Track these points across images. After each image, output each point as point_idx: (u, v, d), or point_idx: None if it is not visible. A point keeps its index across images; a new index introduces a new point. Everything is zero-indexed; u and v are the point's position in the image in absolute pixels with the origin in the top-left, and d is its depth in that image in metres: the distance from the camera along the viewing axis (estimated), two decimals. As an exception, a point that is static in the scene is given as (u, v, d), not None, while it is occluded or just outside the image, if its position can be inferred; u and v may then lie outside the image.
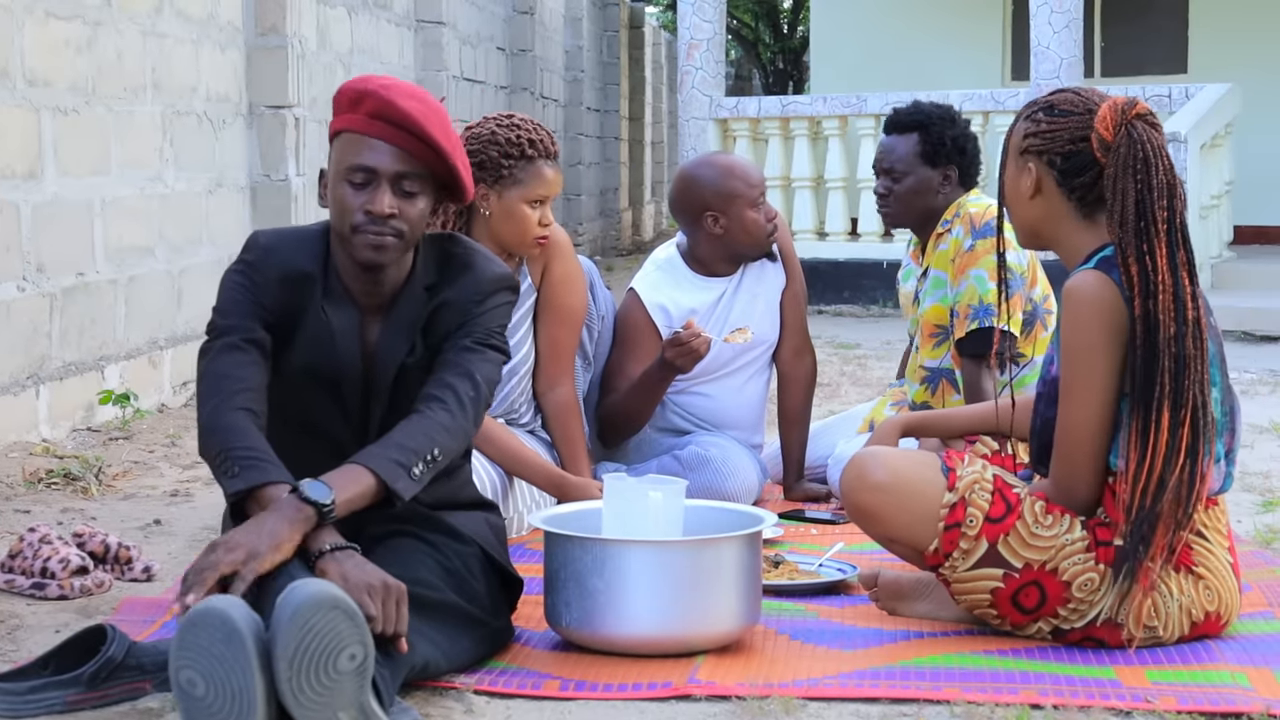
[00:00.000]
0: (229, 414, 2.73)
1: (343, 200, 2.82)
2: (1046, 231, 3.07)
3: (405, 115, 2.79)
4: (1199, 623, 2.98)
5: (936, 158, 4.32)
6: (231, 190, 6.98)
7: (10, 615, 3.23)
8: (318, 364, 2.85)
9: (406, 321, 2.88)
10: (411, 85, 2.88)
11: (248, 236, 2.97)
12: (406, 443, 2.72)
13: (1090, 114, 2.99)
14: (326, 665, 2.35)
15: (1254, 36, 12.93)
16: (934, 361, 4.38)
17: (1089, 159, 2.99)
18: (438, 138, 2.80)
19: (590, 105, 15.70)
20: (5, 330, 5.11)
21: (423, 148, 2.81)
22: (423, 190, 2.84)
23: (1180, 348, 2.87)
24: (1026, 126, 3.05)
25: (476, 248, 2.98)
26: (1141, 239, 2.89)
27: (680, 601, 2.88)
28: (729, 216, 4.34)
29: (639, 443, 4.43)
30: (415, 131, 2.80)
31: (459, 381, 2.82)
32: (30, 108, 5.31)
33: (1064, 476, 2.99)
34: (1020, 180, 3.06)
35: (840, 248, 10.65)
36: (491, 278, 2.92)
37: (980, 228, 4.22)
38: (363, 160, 2.80)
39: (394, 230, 2.81)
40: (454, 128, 2.88)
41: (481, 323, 2.89)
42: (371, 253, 2.81)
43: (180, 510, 4.34)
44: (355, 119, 2.82)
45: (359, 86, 2.84)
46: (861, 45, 13.97)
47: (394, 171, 2.80)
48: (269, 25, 7.17)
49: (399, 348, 2.87)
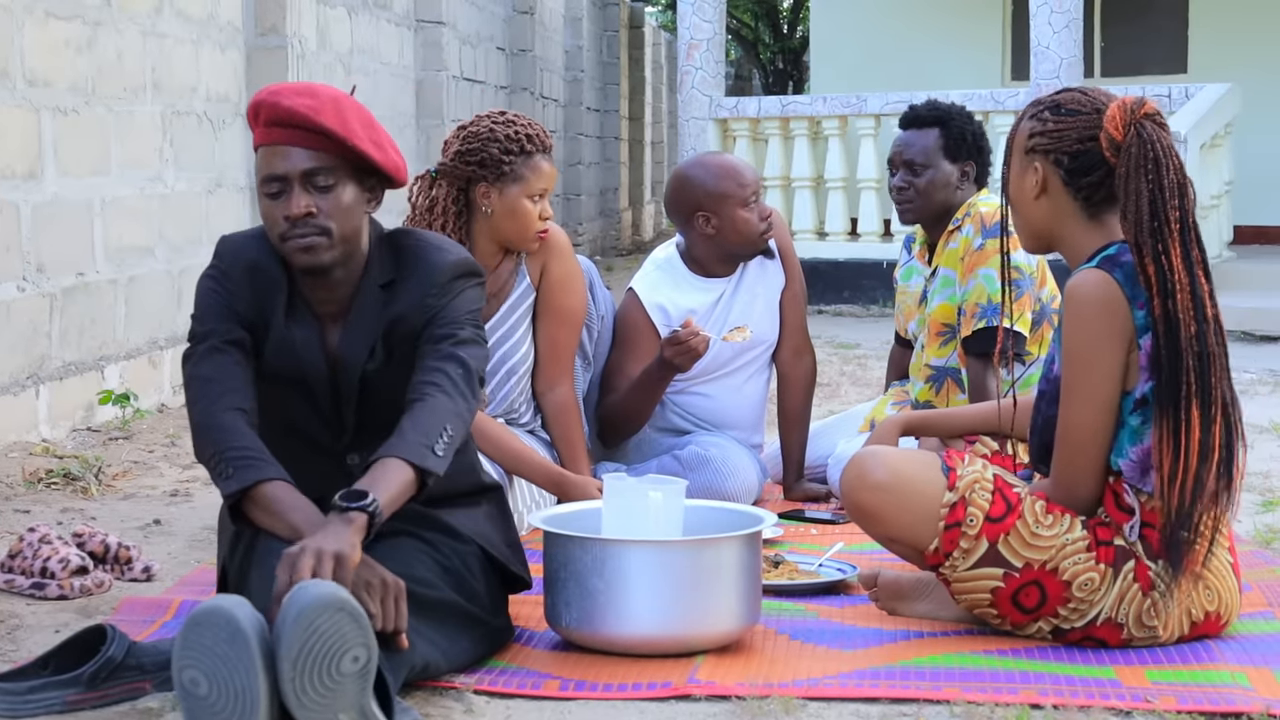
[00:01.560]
0: (219, 415, 2.74)
1: (267, 214, 2.82)
2: (1051, 231, 3.06)
3: (291, 113, 2.77)
4: (1199, 623, 2.99)
5: (957, 152, 4.33)
6: (231, 190, 6.98)
7: (10, 615, 3.23)
8: (285, 370, 2.85)
9: (366, 325, 2.87)
10: (306, 84, 2.87)
11: (217, 240, 2.97)
12: (418, 427, 2.71)
13: (1098, 113, 2.99)
14: (330, 667, 2.35)
15: (1254, 36, 12.92)
16: (940, 360, 4.38)
17: (1097, 158, 2.98)
18: (330, 125, 2.77)
19: (590, 105, 15.70)
20: (5, 330, 5.11)
21: (323, 139, 2.78)
22: (339, 180, 2.80)
23: (1203, 345, 2.87)
24: (1033, 125, 3.04)
25: (429, 239, 2.94)
26: (1156, 239, 2.89)
27: (680, 601, 2.88)
28: (721, 217, 4.34)
29: (639, 443, 4.43)
30: (306, 126, 2.77)
31: (445, 364, 2.79)
32: (30, 108, 5.31)
33: (1065, 476, 2.99)
34: (1025, 179, 3.05)
35: (840, 248, 10.65)
36: (445, 266, 2.88)
37: (990, 226, 4.22)
38: (271, 169, 2.80)
39: (318, 228, 2.79)
40: (351, 111, 2.82)
41: (448, 313, 2.85)
42: (304, 255, 2.80)
43: (180, 510, 4.34)
44: (258, 132, 2.82)
45: (255, 100, 2.83)
46: (861, 45, 13.97)
47: (300, 171, 2.78)
48: (269, 25, 7.17)
49: (359, 353, 2.85)
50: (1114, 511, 2.98)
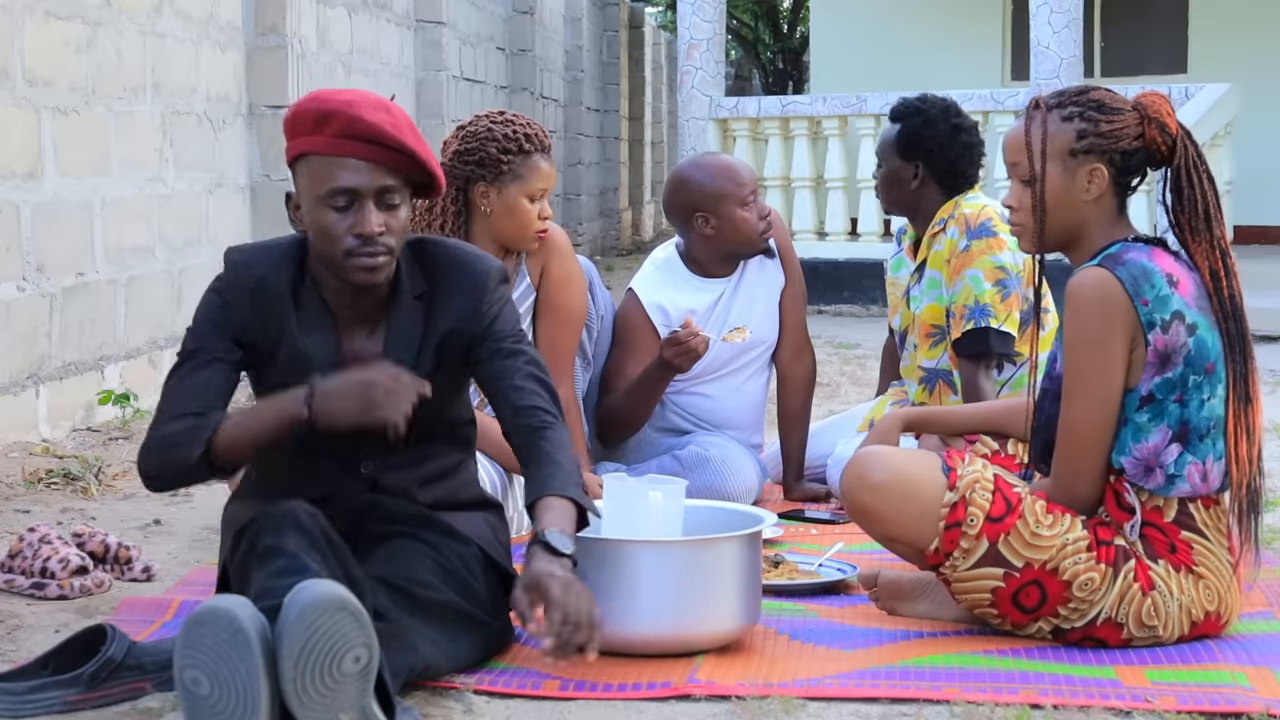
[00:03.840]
0: (166, 425, 2.79)
1: (328, 227, 2.77)
2: (1083, 232, 3.04)
3: (377, 130, 2.74)
4: (1199, 622, 2.99)
5: (909, 152, 4.33)
6: (231, 190, 6.98)
7: (10, 615, 3.23)
8: (297, 380, 2.80)
9: (406, 336, 2.86)
10: (372, 95, 2.83)
11: (225, 250, 2.96)
12: (569, 464, 2.78)
13: (1135, 110, 3.01)
14: (331, 666, 2.35)
15: (1254, 36, 12.92)
16: (931, 362, 4.38)
17: (1145, 155, 3.00)
18: (412, 145, 2.77)
19: (590, 105, 15.70)
20: (5, 330, 5.11)
21: (398, 157, 2.77)
22: (404, 198, 2.81)
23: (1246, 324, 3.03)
24: (1082, 126, 2.99)
25: (458, 248, 2.95)
26: (1212, 227, 2.98)
27: (680, 601, 2.88)
28: (719, 216, 4.34)
29: (639, 443, 4.43)
30: (389, 144, 2.75)
31: (539, 388, 2.86)
32: (30, 108, 5.31)
33: (1066, 475, 2.99)
34: (1077, 182, 3.01)
35: (840, 248, 10.65)
36: (490, 274, 2.91)
37: (975, 228, 4.22)
38: (342, 183, 2.75)
39: (385, 248, 2.78)
40: (415, 129, 2.84)
41: (503, 325, 2.90)
42: (367, 275, 2.79)
43: (180, 510, 4.34)
44: (322, 140, 2.76)
45: (320, 108, 2.77)
46: (861, 45, 13.97)
47: (377, 188, 2.76)
48: (269, 25, 7.17)
49: (404, 363, 2.82)
50: (1115, 511, 2.98)
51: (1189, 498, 2.97)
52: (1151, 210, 9.42)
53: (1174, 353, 2.92)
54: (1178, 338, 2.92)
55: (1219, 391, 2.98)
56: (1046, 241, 3.07)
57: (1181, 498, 2.97)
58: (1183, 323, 2.93)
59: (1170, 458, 2.95)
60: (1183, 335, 2.93)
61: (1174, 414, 2.94)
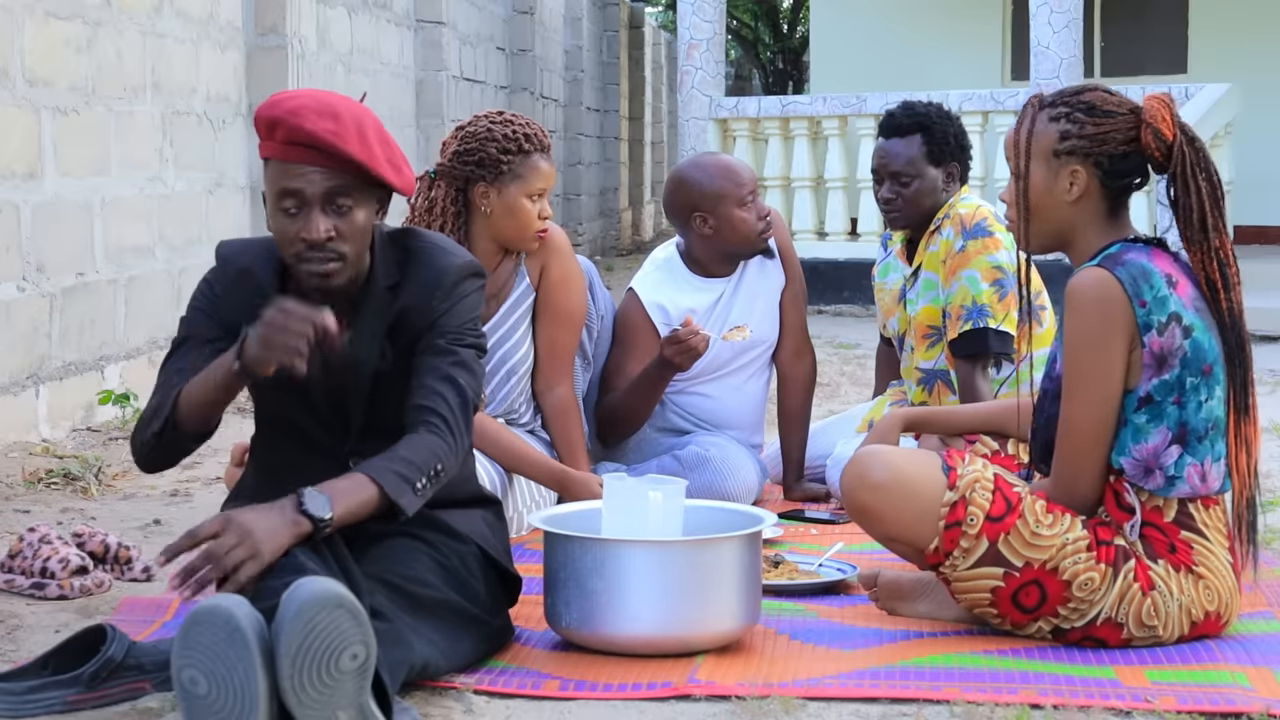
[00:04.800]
0: (149, 404, 2.84)
1: (281, 231, 2.80)
2: (1072, 233, 3.05)
3: (314, 137, 2.74)
4: (1199, 623, 2.98)
5: (941, 157, 4.32)
6: (231, 190, 6.98)
7: (10, 615, 3.23)
8: (280, 375, 2.83)
9: (374, 327, 2.87)
10: (324, 98, 2.81)
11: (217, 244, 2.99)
12: (412, 457, 2.73)
13: (1133, 113, 2.99)
14: (328, 664, 2.35)
15: (1254, 36, 12.92)
16: (928, 363, 4.38)
17: (1139, 159, 2.99)
18: (354, 153, 2.75)
19: (590, 105, 15.70)
20: (5, 330, 5.11)
21: (344, 163, 2.77)
22: (358, 201, 2.80)
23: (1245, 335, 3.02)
24: (1066, 128, 3.00)
25: (435, 241, 2.95)
26: (1214, 233, 2.96)
27: (680, 601, 2.88)
28: (717, 216, 4.34)
29: (639, 443, 4.43)
30: (329, 151, 2.75)
31: (446, 391, 2.81)
32: (30, 108, 5.31)
33: (1066, 475, 2.99)
34: (1059, 183, 3.01)
35: (840, 248, 10.65)
36: (451, 269, 2.89)
37: (971, 228, 4.22)
38: (289, 184, 2.76)
39: (335, 253, 2.78)
40: (371, 131, 2.80)
41: (450, 320, 2.87)
42: (318, 280, 2.80)
43: (180, 510, 4.34)
44: (274, 146, 2.78)
45: (270, 114, 2.78)
46: (861, 45, 13.97)
47: (322, 192, 2.76)
48: (269, 25, 7.17)
49: (370, 354, 2.85)
50: (1114, 511, 2.98)
51: (1189, 498, 2.97)
52: (1152, 210, 9.42)
53: (1170, 355, 2.92)
54: (1173, 340, 2.92)
55: (1217, 393, 2.97)
56: (1036, 240, 3.08)
57: (1181, 498, 2.97)
58: (1179, 325, 2.93)
59: (1170, 459, 2.95)
60: (1178, 338, 2.92)
61: (1172, 416, 2.94)
